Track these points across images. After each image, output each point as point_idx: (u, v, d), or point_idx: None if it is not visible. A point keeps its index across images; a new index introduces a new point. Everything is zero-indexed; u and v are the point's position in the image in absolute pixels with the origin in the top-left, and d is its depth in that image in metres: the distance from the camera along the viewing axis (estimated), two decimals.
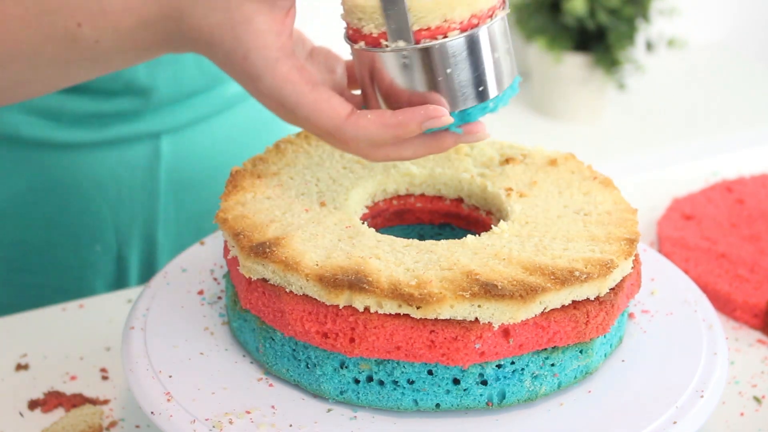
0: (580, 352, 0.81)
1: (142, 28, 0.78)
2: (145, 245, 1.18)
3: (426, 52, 0.77)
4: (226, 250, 0.85)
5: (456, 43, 0.78)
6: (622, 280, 0.82)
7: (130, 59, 0.82)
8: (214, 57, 0.79)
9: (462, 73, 0.78)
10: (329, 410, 0.80)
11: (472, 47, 0.78)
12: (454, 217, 0.93)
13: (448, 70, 0.78)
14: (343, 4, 0.79)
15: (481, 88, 0.79)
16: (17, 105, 1.07)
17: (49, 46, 0.79)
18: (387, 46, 0.78)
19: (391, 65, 0.79)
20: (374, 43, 0.79)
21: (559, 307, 0.78)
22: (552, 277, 0.78)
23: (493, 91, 0.80)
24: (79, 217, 1.14)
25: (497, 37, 0.80)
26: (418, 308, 0.76)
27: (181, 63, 1.10)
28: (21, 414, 0.89)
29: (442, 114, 0.77)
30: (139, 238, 1.17)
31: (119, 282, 1.18)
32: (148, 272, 1.18)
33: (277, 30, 0.77)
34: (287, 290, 0.79)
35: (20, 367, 0.94)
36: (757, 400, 0.92)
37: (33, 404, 0.90)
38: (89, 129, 1.10)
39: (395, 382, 0.79)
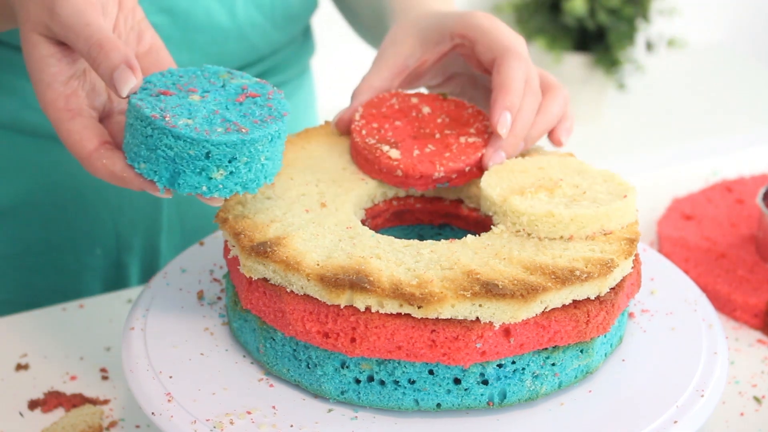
0: (581, 351, 0.81)
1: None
2: (146, 254, 1.17)
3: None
4: (227, 250, 0.85)
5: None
6: (623, 280, 0.82)
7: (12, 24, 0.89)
8: None
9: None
10: (330, 410, 0.80)
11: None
12: (453, 218, 0.93)
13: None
14: None
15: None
16: (18, 95, 1.07)
17: None
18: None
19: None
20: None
21: (559, 306, 0.78)
22: (552, 276, 0.78)
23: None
24: (79, 219, 1.13)
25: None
26: (419, 308, 0.76)
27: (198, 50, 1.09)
28: (21, 414, 0.89)
29: (154, 190, 0.81)
30: (141, 247, 1.17)
31: (118, 287, 1.17)
32: (148, 280, 1.18)
33: (58, 57, 0.81)
34: (288, 290, 0.78)
35: (20, 367, 0.94)
36: (757, 400, 0.92)
37: (33, 404, 0.90)
38: None
39: (396, 382, 0.79)
